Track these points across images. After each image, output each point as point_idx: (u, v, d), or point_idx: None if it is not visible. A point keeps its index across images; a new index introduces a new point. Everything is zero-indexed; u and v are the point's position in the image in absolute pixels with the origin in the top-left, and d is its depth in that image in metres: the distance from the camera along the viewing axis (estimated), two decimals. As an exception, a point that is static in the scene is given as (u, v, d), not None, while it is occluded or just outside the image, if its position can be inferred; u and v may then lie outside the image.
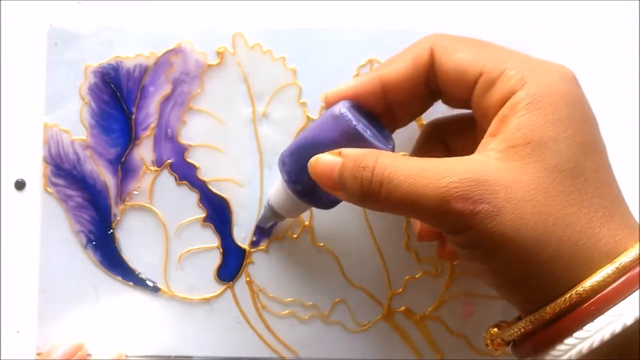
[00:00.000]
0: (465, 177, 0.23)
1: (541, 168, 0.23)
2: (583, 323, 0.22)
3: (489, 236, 0.22)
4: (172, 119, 0.34)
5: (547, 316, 0.23)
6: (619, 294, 0.22)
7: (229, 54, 0.34)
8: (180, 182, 0.34)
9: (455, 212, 0.22)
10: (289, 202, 0.30)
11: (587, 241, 0.22)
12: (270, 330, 0.34)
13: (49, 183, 0.34)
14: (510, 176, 0.23)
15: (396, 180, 0.24)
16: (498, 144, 0.24)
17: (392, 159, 0.24)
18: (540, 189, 0.23)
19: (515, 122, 0.23)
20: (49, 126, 0.34)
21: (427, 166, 0.24)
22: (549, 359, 0.23)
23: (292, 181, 0.29)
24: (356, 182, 0.25)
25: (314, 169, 0.27)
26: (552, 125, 0.23)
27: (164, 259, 0.34)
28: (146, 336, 0.34)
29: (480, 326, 0.34)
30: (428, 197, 0.23)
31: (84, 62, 0.34)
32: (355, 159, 0.25)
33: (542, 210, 0.22)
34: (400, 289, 0.34)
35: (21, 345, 0.34)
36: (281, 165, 0.29)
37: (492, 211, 0.22)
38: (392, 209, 0.25)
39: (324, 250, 0.34)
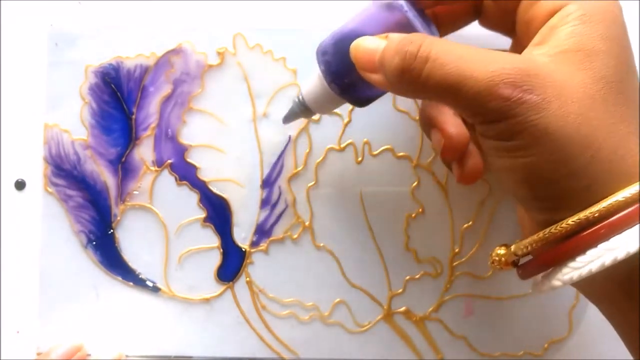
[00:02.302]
0: (518, 67, 0.22)
1: (590, 75, 0.23)
2: (612, 234, 0.22)
3: (531, 127, 0.22)
4: (172, 119, 0.34)
5: (574, 225, 0.23)
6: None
7: (230, 54, 0.34)
8: (180, 182, 0.34)
9: (502, 97, 0.22)
10: (323, 96, 0.29)
11: (624, 153, 0.22)
12: (270, 331, 0.34)
13: (50, 183, 0.34)
14: (561, 77, 0.23)
15: (443, 59, 0.23)
16: (548, 49, 0.24)
17: (441, 41, 0.24)
18: (587, 94, 0.23)
19: (568, 30, 0.23)
20: (49, 126, 0.34)
21: (478, 52, 0.23)
22: (566, 271, 0.23)
23: (331, 72, 0.27)
24: (399, 56, 0.24)
25: (355, 49, 0.26)
26: (603, 40, 0.23)
27: (164, 259, 0.34)
28: (146, 336, 0.34)
29: (480, 326, 0.34)
30: (475, 80, 0.22)
31: (85, 62, 0.34)
32: (402, 36, 0.25)
33: (587, 113, 0.22)
34: (400, 289, 0.34)
35: (21, 345, 0.34)
36: (320, 56, 0.28)
37: (539, 103, 0.22)
38: (430, 90, 0.24)
39: (324, 250, 0.34)
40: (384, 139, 0.34)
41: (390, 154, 0.34)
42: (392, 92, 0.26)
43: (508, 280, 0.34)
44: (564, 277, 0.23)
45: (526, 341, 0.34)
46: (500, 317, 0.34)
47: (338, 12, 0.34)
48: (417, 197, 0.34)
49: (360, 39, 0.26)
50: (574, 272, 0.23)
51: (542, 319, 0.34)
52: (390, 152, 0.34)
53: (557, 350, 0.34)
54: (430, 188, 0.34)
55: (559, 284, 0.24)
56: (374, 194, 0.34)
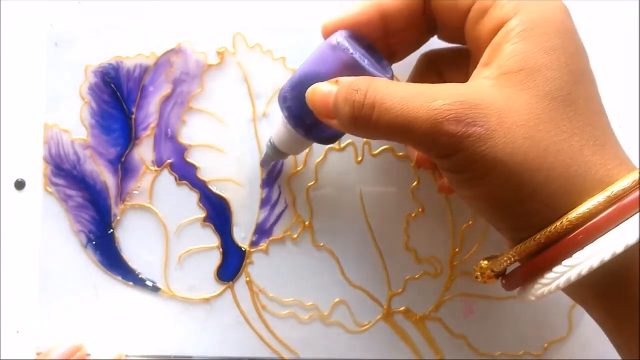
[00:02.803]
0: (458, 100, 0.22)
1: (534, 95, 0.23)
2: (573, 251, 0.22)
3: (480, 159, 0.22)
4: (172, 119, 0.34)
5: (536, 245, 0.23)
6: (610, 222, 0.22)
7: (230, 54, 0.34)
8: (180, 182, 0.34)
9: (447, 134, 0.22)
10: (290, 139, 0.30)
11: (578, 168, 0.22)
12: (270, 331, 0.34)
13: (50, 183, 0.34)
14: (504, 102, 0.23)
15: (389, 104, 0.23)
16: (492, 72, 0.24)
17: (385, 84, 0.24)
18: (532, 115, 0.22)
19: (509, 50, 0.23)
20: (49, 126, 0.34)
21: (420, 90, 0.23)
22: (538, 287, 0.24)
23: (293, 117, 0.28)
24: (348, 105, 0.25)
25: (311, 98, 0.27)
26: (546, 53, 0.23)
27: (164, 259, 0.34)
28: (146, 336, 0.34)
29: (480, 326, 0.34)
30: (420, 120, 0.23)
31: (85, 62, 0.34)
32: (349, 84, 0.25)
33: (535, 135, 0.22)
34: (400, 289, 0.34)
35: (21, 345, 0.34)
36: (282, 102, 0.29)
37: (484, 134, 0.22)
38: (383, 133, 0.24)
39: (324, 250, 0.34)
40: (384, 139, 0.34)
41: (390, 154, 0.34)
42: (350, 134, 0.27)
43: (508, 280, 0.34)
44: (537, 293, 0.24)
45: (526, 341, 0.34)
46: (500, 317, 0.34)
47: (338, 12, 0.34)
48: (417, 197, 0.34)
49: (314, 87, 0.27)
50: (543, 288, 0.23)
51: (542, 319, 0.34)
52: (390, 152, 0.34)
53: (557, 350, 0.34)
54: (430, 188, 0.34)
55: (533, 299, 0.24)
56: (374, 194, 0.34)
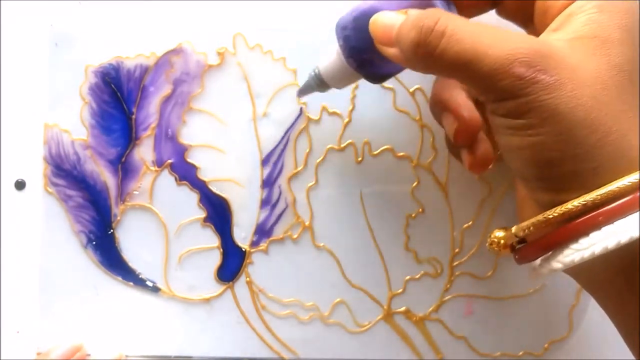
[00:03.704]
0: (533, 47, 0.23)
1: (605, 62, 0.23)
2: (616, 217, 0.22)
3: (542, 107, 0.22)
4: (172, 119, 0.34)
5: (580, 207, 0.23)
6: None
7: (230, 54, 0.34)
8: (180, 182, 0.34)
9: (515, 75, 0.22)
10: (339, 70, 0.29)
11: (632, 139, 0.23)
12: (270, 331, 0.34)
13: (50, 183, 0.34)
14: (575, 60, 0.23)
15: (460, 35, 0.23)
16: (564, 34, 0.24)
17: (458, 17, 0.24)
18: (600, 79, 0.23)
19: (584, 18, 0.24)
20: (49, 126, 0.34)
21: (495, 30, 0.23)
22: (568, 253, 0.23)
23: (349, 47, 0.28)
24: (415, 29, 0.24)
25: (374, 24, 0.26)
26: (619, 29, 0.24)
27: (164, 259, 0.34)
28: (146, 336, 0.34)
29: (480, 326, 0.34)
30: (490, 57, 0.23)
31: (85, 62, 0.34)
32: (420, 11, 0.25)
33: (599, 98, 0.23)
34: (400, 289, 0.34)
35: (21, 345, 0.34)
36: (340, 30, 0.28)
37: (552, 84, 0.22)
38: (445, 65, 0.24)
39: (324, 250, 0.34)
40: (384, 139, 0.34)
41: (390, 154, 0.34)
42: (407, 66, 0.26)
43: (508, 280, 0.34)
44: (565, 260, 0.23)
45: (526, 341, 0.34)
46: (500, 317, 0.34)
47: (338, 12, 0.34)
48: (417, 197, 0.34)
49: (380, 14, 0.26)
50: (575, 254, 0.23)
51: (542, 319, 0.34)
52: (390, 152, 0.34)
53: (557, 350, 0.34)
54: (430, 188, 0.34)
55: (560, 267, 0.24)
56: (374, 194, 0.34)
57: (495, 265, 0.34)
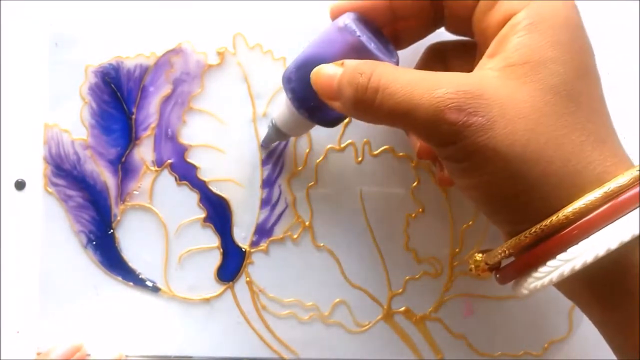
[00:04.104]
0: (461, 90, 0.23)
1: (537, 87, 0.23)
2: (567, 245, 0.22)
3: (480, 149, 0.22)
4: (172, 119, 0.34)
5: (531, 238, 0.23)
6: (605, 218, 0.22)
7: (230, 54, 0.34)
8: (180, 182, 0.34)
9: (448, 122, 0.22)
10: (293, 121, 0.30)
11: (577, 163, 0.22)
12: (270, 331, 0.34)
13: (50, 183, 0.34)
14: (506, 93, 0.23)
15: (392, 88, 0.24)
16: (496, 63, 0.24)
17: (390, 69, 0.24)
18: (534, 107, 0.23)
19: (515, 42, 0.23)
20: (49, 126, 0.34)
21: (424, 77, 0.24)
22: (531, 281, 0.24)
23: (297, 99, 0.28)
24: (351, 87, 0.25)
25: (315, 79, 0.27)
26: (551, 47, 0.23)
27: (164, 259, 0.34)
28: (146, 336, 0.34)
29: (480, 326, 0.34)
30: (422, 107, 0.23)
31: (85, 62, 0.34)
32: (354, 66, 0.25)
33: (535, 128, 0.22)
34: (400, 289, 0.34)
35: (21, 345, 0.34)
36: (286, 83, 0.28)
37: (485, 124, 0.22)
38: (385, 117, 0.24)
39: (324, 250, 0.34)
40: (384, 139, 0.34)
41: (390, 154, 0.34)
42: (352, 117, 0.27)
43: (508, 280, 0.34)
44: (530, 287, 0.24)
45: (526, 341, 0.34)
46: (500, 317, 0.34)
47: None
48: (417, 197, 0.34)
49: (319, 68, 0.27)
50: (537, 282, 0.24)
51: (542, 319, 0.34)
52: (390, 152, 0.34)
53: (557, 350, 0.34)
54: (430, 188, 0.34)
55: (527, 292, 0.24)
56: (374, 194, 0.34)
57: (495, 265, 0.34)
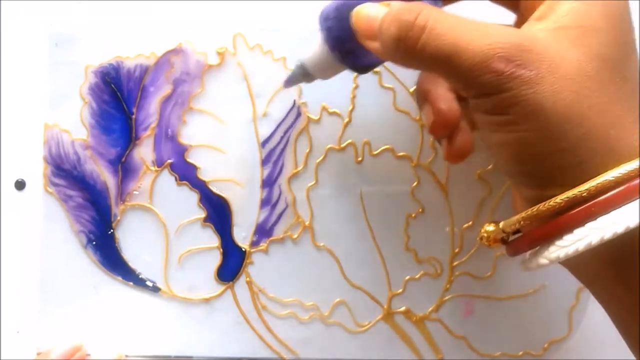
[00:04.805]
0: (512, 41, 0.22)
1: (587, 52, 0.23)
2: (599, 214, 0.22)
3: (523, 102, 0.22)
4: (172, 119, 0.34)
5: (564, 203, 0.23)
6: (639, 191, 0.22)
7: (230, 54, 0.34)
8: (180, 182, 0.34)
9: (495, 71, 0.22)
10: (323, 62, 0.29)
11: (617, 132, 0.22)
12: (270, 331, 0.34)
13: (50, 183, 0.34)
14: (556, 52, 0.22)
15: (439, 29, 0.23)
16: (547, 24, 0.23)
17: (439, 11, 0.24)
18: (582, 71, 0.22)
19: (568, 6, 0.23)
20: (49, 126, 0.34)
21: (474, 24, 0.23)
22: (553, 250, 0.23)
23: (332, 37, 0.27)
24: (395, 23, 0.24)
25: (357, 17, 0.26)
26: (604, 17, 0.23)
27: (164, 259, 0.34)
28: (146, 336, 0.34)
29: (480, 326, 0.34)
30: (469, 52, 0.22)
31: (85, 62, 0.34)
32: (401, 5, 0.24)
33: (581, 91, 0.22)
34: (400, 289, 0.34)
35: (21, 345, 0.34)
36: (323, 21, 0.28)
37: (532, 78, 0.22)
38: (426, 60, 0.24)
39: (324, 250, 0.34)
40: (384, 139, 0.34)
41: (390, 154, 0.34)
42: (389, 60, 0.26)
43: (508, 280, 0.34)
44: (551, 255, 0.23)
45: (526, 341, 0.34)
46: (500, 317, 0.34)
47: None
48: (417, 197, 0.34)
49: (362, 6, 0.26)
50: (560, 250, 0.23)
51: (542, 319, 0.34)
52: (390, 152, 0.34)
53: (557, 350, 0.34)
54: (430, 188, 0.34)
55: (546, 262, 0.24)
56: (374, 194, 0.34)
57: (495, 265, 0.34)
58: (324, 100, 0.34)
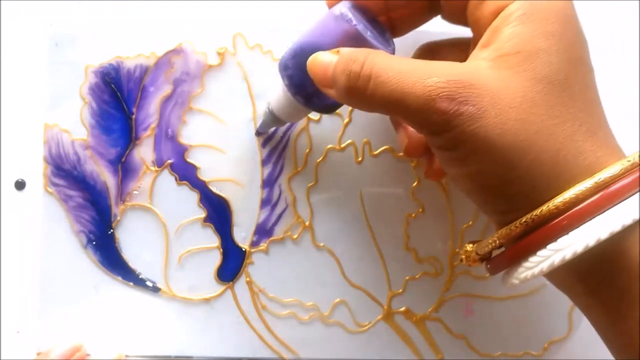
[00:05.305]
0: (452, 79, 0.23)
1: (529, 77, 0.23)
2: (557, 235, 0.23)
3: (470, 138, 0.23)
4: (172, 119, 0.34)
5: (521, 228, 0.23)
6: (596, 208, 0.22)
7: (230, 54, 0.34)
8: (180, 182, 0.34)
9: (439, 111, 0.23)
10: (289, 107, 0.30)
11: (567, 153, 0.23)
12: (270, 331, 0.34)
13: (50, 183, 0.34)
14: (498, 83, 0.23)
15: (384, 77, 0.24)
16: (489, 53, 0.24)
17: (383, 57, 0.25)
18: (526, 97, 0.23)
19: (508, 32, 0.24)
20: (49, 126, 0.34)
21: (416, 66, 0.24)
22: (521, 271, 0.24)
23: (293, 85, 0.28)
24: (344, 75, 0.25)
25: (311, 67, 0.27)
26: (544, 38, 0.23)
27: (164, 259, 0.34)
28: (146, 336, 0.34)
29: (480, 326, 0.34)
30: (414, 95, 0.23)
31: (85, 62, 0.34)
32: (348, 54, 0.25)
33: (526, 118, 0.22)
34: (400, 289, 0.34)
35: (21, 345, 0.34)
36: (283, 70, 0.29)
37: (475, 113, 0.22)
38: (377, 105, 0.25)
39: (324, 250, 0.34)
40: (384, 139, 0.34)
41: (390, 154, 0.34)
42: (346, 104, 0.27)
43: (508, 280, 0.34)
44: (520, 277, 0.24)
45: (526, 341, 0.34)
46: (500, 317, 0.34)
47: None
48: (417, 197, 0.34)
49: (315, 56, 0.27)
50: (527, 271, 0.24)
51: (542, 319, 0.34)
52: (390, 152, 0.34)
53: (557, 350, 0.34)
54: (430, 188, 0.34)
55: (517, 282, 0.24)
56: (374, 194, 0.34)
57: (495, 265, 0.34)
58: (324, 100, 0.34)
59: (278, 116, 0.31)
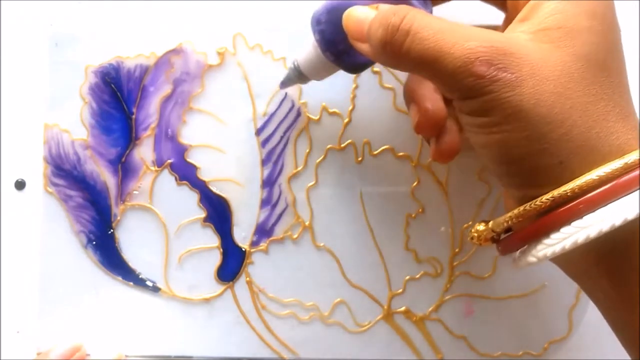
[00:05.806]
0: (494, 45, 0.23)
1: (570, 53, 0.23)
2: (584, 213, 0.22)
3: (504, 105, 0.22)
4: (172, 118, 0.34)
5: (548, 203, 0.23)
6: (625, 188, 0.22)
7: (230, 54, 0.34)
8: (180, 182, 0.34)
9: (476, 74, 0.22)
10: (317, 63, 0.29)
11: (600, 131, 0.23)
12: (270, 331, 0.34)
13: (50, 183, 0.34)
14: (538, 55, 0.23)
15: (423, 33, 0.23)
16: (529, 26, 0.24)
17: (424, 15, 0.24)
18: (564, 72, 0.23)
19: (550, 7, 0.24)
20: (49, 126, 0.34)
21: (457, 28, 0.23)
22: (541, 248, 0.23)
23: (325, 40, 0.28)
24: (382, 27, 0.24)
25: (347, 19, 0.26)
26: (587, 17, 0.23)
27: (164, 259, 0.34)
28: (146, 336, 0.34)
29: (480, 326, 0.34)
30: (452, 56, 0.23)
31: (85, 62, 0.34)
32: (389, 8, 0.25)
33: (563, 92, 0.22)
34: (400, 289, 0.34)
35: (21, 345, 0.34)
36: (315, 25, 0.28)
37: (513, 81, 0.22)
38: (411, 62, 0.24)
39: (324, 250, 0.34)
40: (384, 139, 0.34)
41: (390, 154, 0.34)
42: (378, 62, 0.27)
43: (508, 280, 0.34)
44: (539, 254, 0.24)
45: (526, 341, 0.34)
46: (500, 317, 0.34)
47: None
48: (417, 197, 0.34)
49: (352, 9, 0.26)
50: (547, 249, 0.23)
51: (542, 319, 0.34)
52: (390, 152, 0.34)
53: (557, 350, 0.34)
54: (430, 188, 0.34)
55: (534, 260, 0.24)
56: (374, 194, 0.34)
57: (495, 265, 0.34)
58: (324, 100, 0.34)
59: (304, 72, 0.30)
